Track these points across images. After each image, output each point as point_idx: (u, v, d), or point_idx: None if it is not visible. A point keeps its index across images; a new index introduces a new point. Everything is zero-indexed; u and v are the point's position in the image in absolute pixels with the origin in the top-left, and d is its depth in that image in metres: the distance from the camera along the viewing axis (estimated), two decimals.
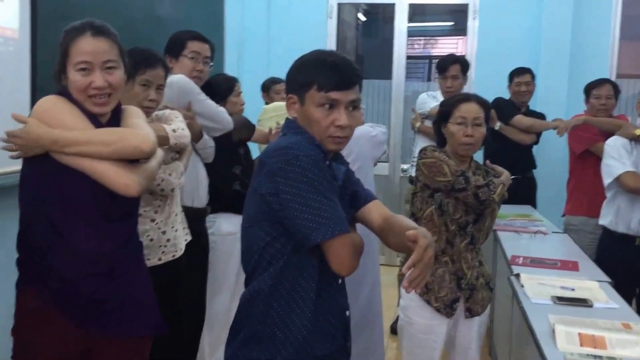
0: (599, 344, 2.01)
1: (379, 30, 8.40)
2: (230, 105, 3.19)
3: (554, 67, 5.19)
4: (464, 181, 2.38)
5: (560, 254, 3.23)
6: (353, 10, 7.15)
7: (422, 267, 1.43)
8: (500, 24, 5.40)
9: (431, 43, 9.84)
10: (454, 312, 2.47)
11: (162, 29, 3.41)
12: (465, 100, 2.47)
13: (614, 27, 5.31)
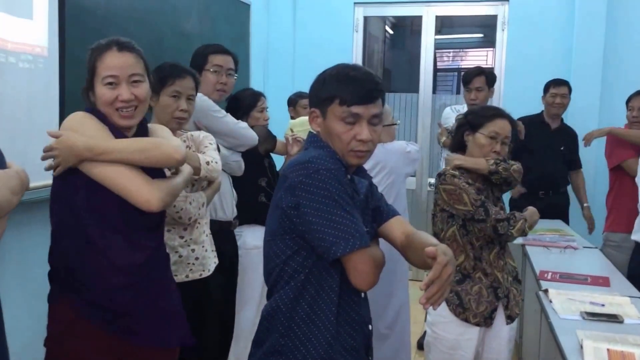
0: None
1: (406, 43, 8.39)
2: (253, 120, 3.22)
3: (586, 81, 5.06)
4: (484, 213, 2.37)
5: (590, 269, 3.17)
6: (380, 23, 7.16)
7: (440, 284, 1.41)
8: (530, 36, 5.32)
9: (460, 55, 9.81)
10: (493, 321, 2.46)
11: (189, 44, 3.46)
12: (501, 116, 2.47)
13: None
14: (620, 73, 5.08)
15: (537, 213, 2.55)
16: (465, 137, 2.53)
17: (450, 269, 1.44)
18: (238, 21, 4.79)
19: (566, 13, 5.22)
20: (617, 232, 3.84)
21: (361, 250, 1.54)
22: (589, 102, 5.04)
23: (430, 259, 1.44)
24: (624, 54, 5.11)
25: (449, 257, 1.45)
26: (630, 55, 5.10)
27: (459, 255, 2.46)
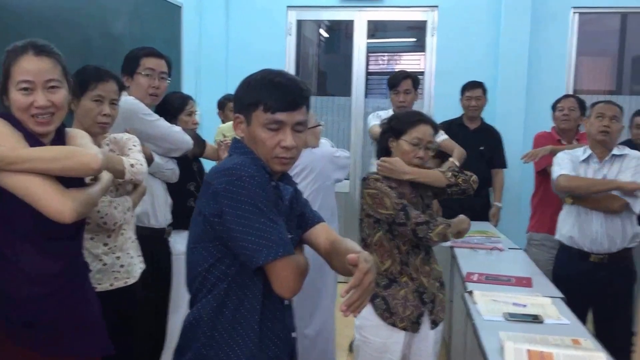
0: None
1: (341, 46, 8.44)
2: (181, 124, 3.17)
3: (512, 83, 5.27)
4: (405, 216, 2.39)
5: (515, 270, 3.23)
6: (315, 26, 7.18)
7: (361, 291, 1.42)
8: (458, 41, 5.47)
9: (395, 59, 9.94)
10: (419, 326, 2.49)
11: (117, 46, 3.38)
12: (423, 121, 2.49)
13: (570, 43, 5.44)
14: (544, 75, 5.30)
15: (466, 221, 2.55)
16: (389, 143, 2.54)
17: (371, 276, 1.44)
18: (169, 23, 4.70)
19: (493, 19, 5.39)
20: (540, 232, 3.96)
21: (284, 258, 1.53)
22: (515, 104, 5.23)
23: (352, 266, 1.44)
24: (548, 57, 5.34)
25: (371, 264, 1.45)
26: (554, 58, 5.35)
27: (386, 260, 2.48)
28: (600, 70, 6.39)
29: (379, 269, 2.49)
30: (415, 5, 5.63)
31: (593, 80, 6.23)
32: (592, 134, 3.30)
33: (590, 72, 6.20)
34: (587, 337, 2.29)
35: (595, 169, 3.27)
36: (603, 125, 3.23)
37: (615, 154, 3.27)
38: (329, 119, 6.01)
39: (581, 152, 3.35)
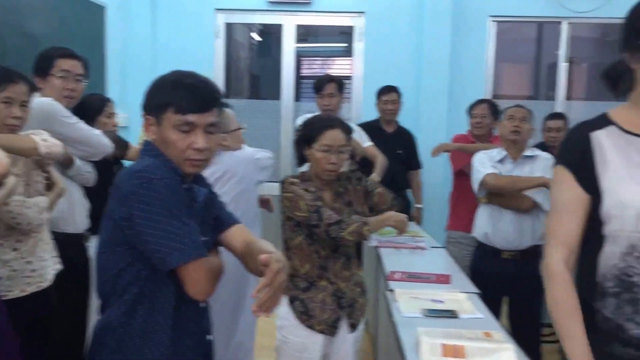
0: (459, 353, 2.09)
1: (272, 50, 8.46)
2: (100, 126, 3.11)
3: (435, 88, 5.44)
4: (317, 218, 2.41)
5: (436, 268, 3.34)
6: (246, 29, 7.16)
7: (272, 291, 1.43)
8: (384, 46, 5.60)
9: (328, 63, 10.05)
10: (337, 330, 2.52)
11: (34, 46, 3.28)
12: (331, 127, 2.49)
13: (488, 50, 5.65)
14: (464, 80, 5.50)
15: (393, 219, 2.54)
16: (304, 152, 2.55)
17: (282, 276, 1.46)
18: (92, 23, 4.60)
19: (416, 26, 5.55)
20: (457, 230, 4.10)
21: (197, 261, 1.53)
22: (438, 108, 5.41)
23: (264, 266, 1.46)
24: (468, 63, 5.56)
25: (282, 264, 1.47)
26: (474, 64, 5.57)
27: (305, 264, 2.51)
28: (518, 76, 6.66)
29: (298, 272, 2.52)
30: (343, 11, 5.72)
31: (512, 86, 6.49)
32: (505, 134, 3.45)
33: (509, 78, 6.46)
34: (498, 329, 2.39)
35: (509, 169, 3.42)
36: (514, 125, 3.39)
37: (527, 155, 3.44)
38: (260, 122, 6.01)
39: (496, 152, 3.49)
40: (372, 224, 2.47)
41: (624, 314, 1.56)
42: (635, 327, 1.55)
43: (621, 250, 1.55)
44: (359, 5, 5.66)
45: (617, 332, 1.57)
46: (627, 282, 1.55)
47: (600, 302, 1.59)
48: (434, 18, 5.43)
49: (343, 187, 2.62)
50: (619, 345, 1.56)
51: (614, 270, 1.56)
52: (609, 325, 1.58)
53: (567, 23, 5.63)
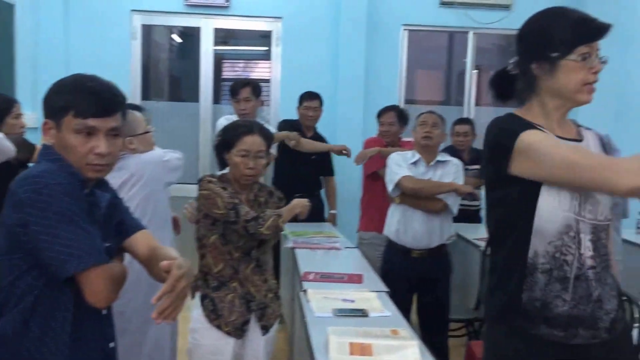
0: (366, 351, 2.16)
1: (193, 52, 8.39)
2: (8, 127, 3.02)
3: (351, 93, 5.58)
4: (235, 215, 2.46)
5: (349, 268, 3.42)
6: (166, 31, 7.07)
7: (172, 297, 1.43)
8: (301, 51, 5.69)
9: (250, 66, 10.05)
10: (245, 333, 2.55)
11: None
12: (249, 132, 2.54)
13: (401, 57, 5.85)
14: (378, 88, 5.67)
15: (298, 204, 2.68)
16: (224, 156, 2.59)
17: (184, 283, 1.46)
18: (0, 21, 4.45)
19: (333, 32, 5.67)
20: (369, 231, 4.22)
21: (96, 267, 1.51)
22: (354, 112, 5.55)
23: (166, 272, 1.45)
24: (382, 69, 5.73)
25: (184, 271, 1.47)
26: (387, 70, 5.76)
27: (219, 263, 2.54)
28: (431, 83, 6.91)
29: (211, 271, 2.55)
30: (261, 15, 5.76)
31: (425, 92, 6.73)
32: (417, 140, 3.60)
33: (422, 84, 6.69)
34: (405, 327, 2.47)
35: (422, 172, 3.57)
36: (425, 131, 3.54)
37: (440, 160, 3.60)
38: (179, 124, 5.96)
39: (410, 155, 3.63)
40: (284, 215, 2.58)
41: (552, 291, 1.63)
42: (562, 304, 1.63)
43: (558, 228, 1.62)
44: (276, 11, 5.72)
45: (543, 312, 1.64)
46: (560, 260, 1.63)
47: (530, 278, 1.65)
48: (349, 25, 5.56)
49: (264, 198, 2.67)
50: (546, 327, 1.64)
51: (550, 248, 1.63)
52: (535, 305, 1.64)
53: (473, 33, 5.92)
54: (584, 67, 1.62)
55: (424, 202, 3.51)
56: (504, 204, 1.67)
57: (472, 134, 4.84)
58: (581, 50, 1.62)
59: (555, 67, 1.64)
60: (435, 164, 3.59)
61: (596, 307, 1.66)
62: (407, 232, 3.55)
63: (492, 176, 1.70)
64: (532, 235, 1.63)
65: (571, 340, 1.64)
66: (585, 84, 1.64)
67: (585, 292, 1.65)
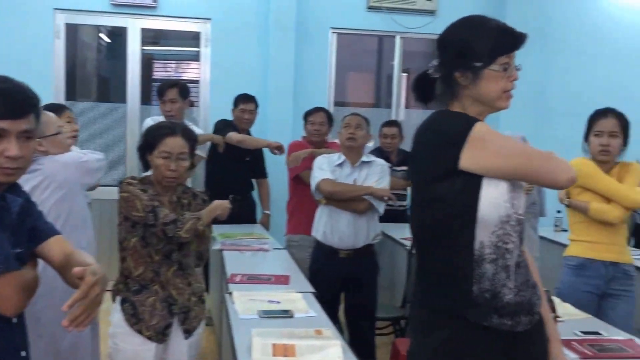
0: (289, 352, 2.18)
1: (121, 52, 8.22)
2: None
3: (281, 95, 5.62)
4: (153, 218, 2.44)
5: (277, 269, 3.44)
6: (94, 30, 6.91)
7: (85, 304, 1.40)
8: (231, 52, 5.69)
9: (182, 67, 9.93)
10: (166, 337, 2.52)
11: None
12: (171, 134, 2.52)
13: (330, 59, 5.92)
14: (308, 91, 5.72)
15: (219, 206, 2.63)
16: (147, 158, 2.56)
17: (97, 290, 1.42)
18: None
19: (262, 34, 5.69)
20: (298, 233, 4.24)
21: (4, 275, 1.47)
22: (283, 116, 5.58)
23: (79, 279, 1.42)
24: (311, 74, 5.79)
25: (98, 277, 1.44)
26: (315, 76, 5.82)
27: (140, 266, 2.51)
28: (361, 85, 7.01)
29: (132, 274, 2.52)
30: (189, 16, 5.73)
31: (356, 94, 6.82)
32: (342, 141, 3.65)
33: (353, 86, 6.78)
34: (329, 327, 2.51)
35: (347, 173, 3.62)
36: (349, 133, 3.60)
37: (364, 160, 3.66)
38: (107, 125, 5.84)
39: (336, 157, 3.68)
40: (204, 217, 2.55)
41: (499, 280, 1.68)
42: (508, 292, 1.68)
43: (500, 218, 1.67)
44: (205, 12, 5.68)
45: (493, 302, 1.67)
46: (503, 249, 1.68)
47: (478, 269, 1.68)
48: (278, 27, 5.60)
49: (187, 200, 2.65)
50: (496, 317, 1.67)
51: (493, 238, 1.67)
52: (485, 296, 1.67)
53: (400, 37, 6.05)
54: (504, 76, 1.70)
55: (349, 203, 3.57)
56: (446, 199, 1.68)
57: (400, 136, 4.94)
58: (502, 60, 1.70)
59: (478, 76, 1.71)
60: (360, 165, 3.65)
61: (532, 293, 1.74)
62: (334, 233, 3.59)
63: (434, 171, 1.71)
64: (477, 227, 1.66)
65: (516, 327, 1.69)
66: (505, 92, 1.72)
67: (524, 278, 1.72)
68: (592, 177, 3.00)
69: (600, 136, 2.99)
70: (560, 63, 6.08)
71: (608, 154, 2.99)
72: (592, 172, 3.00)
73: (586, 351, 2.26)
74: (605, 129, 2.97)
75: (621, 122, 2.98)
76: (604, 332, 2.52)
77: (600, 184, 2.98)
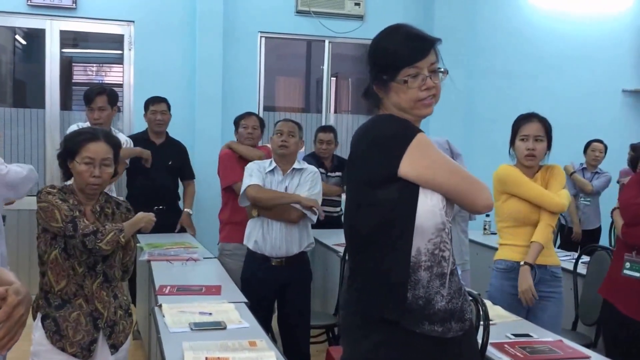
0: None
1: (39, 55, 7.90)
2: None
3: (209, 99, 5.52)
4: (72, 228, 2.34)
5: (207, 279, 3.36)
6: (10, 33, 6.61)
7: (9, 326, 1.31)
8: (156, 55, 5.55)
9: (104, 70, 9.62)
10: (92, 353, 2.41)
11: None
12: (93, 139, 2.43)
13: (260, 64, 5.85)
14: (237, 95, 5.65)
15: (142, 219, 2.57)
16: (69, 165, 2.46)
17: (21, 310, 1.34)
18: None
19: (189, 37, 5.58)
20: (232, 242, 4.15)
21: None
22: (212, 120, 5.50)
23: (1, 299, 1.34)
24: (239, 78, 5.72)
25: (22, 296, 1.35)
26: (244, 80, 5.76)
27: (61, 280, 2.39)
28: (291, 90, 6.98)
29: (53, 289, 2.40)
30: (111, 18, 5.55)
31: (285, 99, 6.79)
32: (274, 148, 3.60)
33: (282, 91, 6.75)
34: (263, 337, 2.45)
35: (279, 180, 3.57)
36: (282, 140, 3.55)
37: (296, 167, 3.62)
38: (24, 132, 5.58)
39: (267, 164, 3.62)
40: (126, 230, 2.46)
41: (433, 287, 1.68)
42: (440, 299, 1.68)
43: (436, 226, 1.67)
44: (127, 14, 5.52)
45: (425, 309, 1.67)
46: (439, 257, 1.68)
47: (413, 277, 1.67)
48: (205, 31, 5.50)
49: (111, 209, 2.56)
50: (427, 324, 1.67)
51: (429, 245, 1.67)
52: (419, 303, 1.67)
53: (329, 42, 6.06)
54: (413, 86, 1.68)
55: (281, 214, 3.51)
56: (384, 205, 1.67)
57: (335, 141, 4.93)
58: (407, 72, 1.68)
59: (388, 88, 1.72)
60: (292, 172, 3.61)
61: (464, 300, 1.75)
62: (266, 242, 3.53)
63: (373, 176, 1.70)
64: (414, 234, 1.66)
65: (447, 334, 1.70)
66: (419, 100, 1.70)
67: (456, 286, 1.73)
68: (519, 185, 3.05)
69: (526, 141, 3.05)
70: (486, 68, 6.25)
71: (534, 159, 3.05)
72: (518, 180, 3.06)
73: (518, 354, 2.30)
74: (530, 133, 3.03)
75: (545, 126, 3.06)
76: (534, 334, 2.57)
77: (526, 191, 3.04)
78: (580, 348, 2.45)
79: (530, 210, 3.04)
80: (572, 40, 6.47)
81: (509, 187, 3.06)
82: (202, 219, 4.93)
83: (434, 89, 1.71)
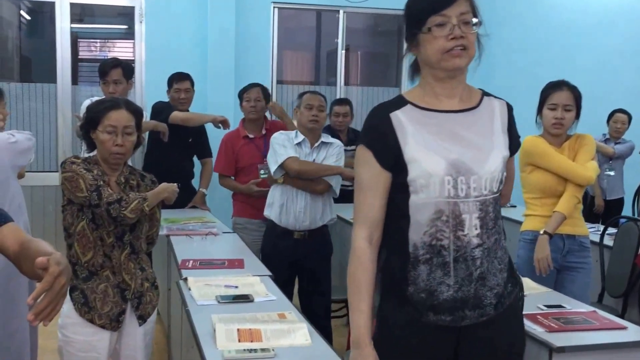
0: (255, 337, 2.12)
1: (45, 30, 7.84)
2: None
3: (221, 72, 5.44)
4: (97, 197, 2.30)
5: (228, 253, 3.35)
6: (14, 7, 6.54)
7: (51, 296, 1.29)
8: (167, 28, 5.47)
9: (108, 46, 9.54)
10: (120, 324, 2.40)
11: None
12: (115, 107, 2.39)
13: (272, 36, 5.76)
14: (250, 68, 5.56)
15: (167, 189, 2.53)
16: (91, 135, 2.43)
17: (63, 280, 1.32)
18: None
19: (200, 9, 5.49)
20: (243, 216, 4.12)
21: None
22: (224, 94, 5.38)
23: (42, 269, 1.30)
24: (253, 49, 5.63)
25: (63, 267, 1.33)
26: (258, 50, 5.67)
27: (88, 252, 2.37)
28: (301, 63, 6.90)
29: (80, 260, 2.38)
30: None
31: (295, 72, 6.70)
32: (304, 122, 3.53)
33: (292, 64, 6.67)
34: (291, 310, 2.45)
35: (306, 153, 3.53)
36: (313, 115, 3.50)
37: (324, 141, 3.58)
38: (34, 107, 5.56)
39: (294, 135, 3.56)
40: (150, 199, 2.43)
41: (435, 279, 1.65)
42: (446, 289, 1.65)
43: (430, 216, 1.64)
44: None
45: (429, 301, 1.66)
46: (437, 247, 1.64)
47: (413, 272, 1.66)
48: (217, 1, 5.40)
49: (136, 181, 2.52)
50: (433, 314, 1.66)
51: (425, 238, 1.65)
52: (421, 296, 1.66)
53: (343, 12, 5.95)
54: (440, 36, 1.62)
55: (308, 184, 3.48)
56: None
57: (351, 114, 4.87)
58: (433, 21, 1.63)
59: (418, 41, 1.67)
60: (320, 146, 3.56)
61: (479, 285, 1.68)
62: (289, 214, 3.50)
63: None
64: (409, 230, 1.66)
65: (460, 322, 1.68)
66: (446, 52, 1.64)
67: (465, 272, 1.66)
68: (545, 156, 3.00)
69: (554, 109, 2.98)
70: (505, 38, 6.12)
71: (562, 127, 2.99)
72: (544, 152, 3.00)
73: (552, 324, 2.27)
74: (559, 102, 2.97)
75: (574, 94, 2.99)
76: (566, 305, 2.54)
77: (553, 163, 2.99)
78: (615, 318, 2.42)
79: (556, 182, 2.99)
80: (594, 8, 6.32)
81: (535, 158, 3.01)
82: (217, 194, 4.89)
83: (463, 39, 1.63)
